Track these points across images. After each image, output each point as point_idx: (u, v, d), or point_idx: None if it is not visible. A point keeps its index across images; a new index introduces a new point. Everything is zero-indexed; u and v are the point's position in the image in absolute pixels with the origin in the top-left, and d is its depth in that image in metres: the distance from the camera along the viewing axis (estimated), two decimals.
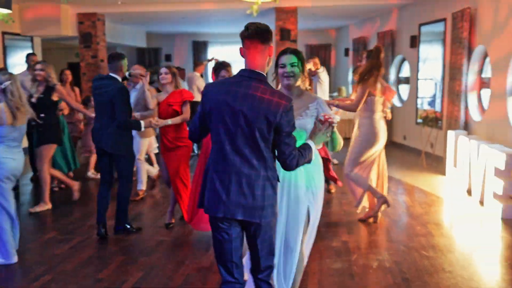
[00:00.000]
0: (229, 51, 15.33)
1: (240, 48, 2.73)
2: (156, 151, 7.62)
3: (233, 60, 5.84)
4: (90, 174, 8.05)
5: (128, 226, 5.34)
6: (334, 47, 16.43)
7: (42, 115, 5.83)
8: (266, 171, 2.66)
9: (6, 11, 7.55)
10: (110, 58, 5.17)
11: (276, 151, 2.72)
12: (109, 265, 4.49)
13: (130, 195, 5.37)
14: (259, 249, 2.76)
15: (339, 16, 12.65)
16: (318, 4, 10.53)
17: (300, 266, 3.37)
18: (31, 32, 10.84)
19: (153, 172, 7.29)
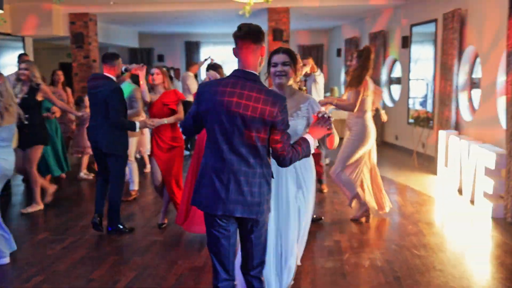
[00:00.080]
0: (221, 51, 15.34)
1: (233, 49, 2.77)
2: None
3: (225, 60, 5.86)
4: (82, 175, 8.02)
5: (121, 227, 5.34)
6: (326, 47, 16.50)
7: (27, 116, 5.78)
8: (262, 168, 2.72)
9: None
10: (104, 58, 5.20)
11: (270, 148, 2.76)
12: (101, 265, 4.49)
13: (122, 195, 5.38)
14: (254, 244, 2.81)
15: (331, 16, 12.70)
16: (311, 5, 10.57)
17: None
18: (22, 32, 10.77)
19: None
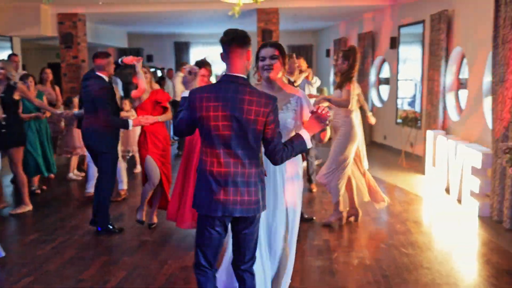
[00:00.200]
0: (211, 51, 15.35)
1: (220, 54, 2.83)
2: None
3: (215, 61, 5.88)
4: (71, 175, 7.98)
5: (110, 227, 5.34)
6: (315, 48, 16.57)
7: (4, 116, 5.74)
8: (257, 167, 2.78)
9: None
10: (94, 56, 5.24)
11: (263, 146, 2.83)
12: (91, 265, 4.50)
13: (111, 194, 5.41)
14: (247, 240, 2.87)
15: (321, 17, 12.78)
16: (300, 6, 10.62)
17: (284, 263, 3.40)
18: (10, 32, 10.71)
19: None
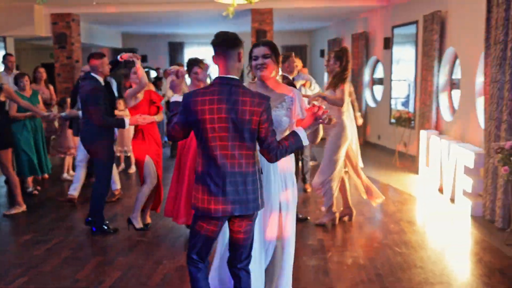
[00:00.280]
0: (205, 52, 15.34)
1: (212, 56, 2.84)
2: None
3: (209, 61, 5.88)
4: (65, 175, 7.97)
5: (105, 227, 5.35)
6: (309, 48, 16.61)
7: None
8: (253, 166, 2.82)
9: None
10: (89, 58, 5.28)
11: (258, 145, 2.86)
12: (86, 265, 4.50)
13: (106, 195, 5.42)
14: (244, 239, 2.90)
15: (314, 17, 12.81)
16: (294, 6, 10.65)
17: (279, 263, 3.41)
18: (3, 32, 10.67)
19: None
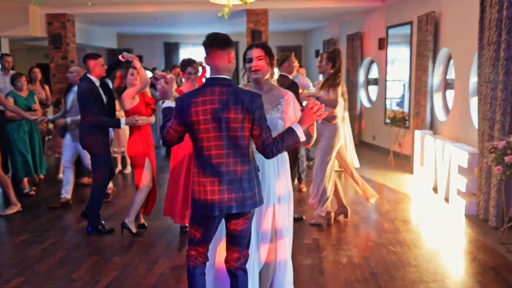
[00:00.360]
0: (201, 52, 15.36)
1: (204, 58, 2.86)
2: None
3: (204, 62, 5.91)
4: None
5: (101, 227, 5.36)
6: (304, 48, 16.65)
7: None
8: (249, 164, 2.83)
9: None
10: (84, 58, 5.32)
11: (253, 142, 2.88)
12: (82, 265, 4.51)
13: (103, 195, 5.42)
14: (241, 236, 2.92)
15: (309, 18, 12.85)
16: (289, 7, 10.69)
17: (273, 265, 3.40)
18: None
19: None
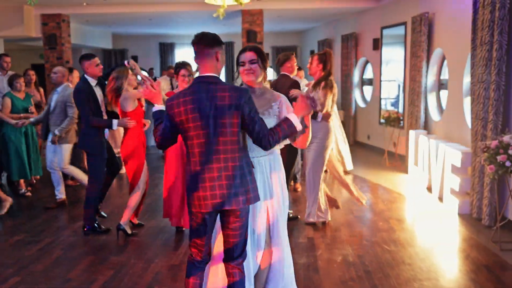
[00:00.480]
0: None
1: (194, 58, 2.89)
2: None
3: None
4: None
5: (97, 227, 5.38)
6: (299, 49, 16.71)
7: None
8: (241, 160, 2.85)
9: None
10: (80, 59, 5.38)
11: (249, 137, 2.90)
12: (78, 265, 4.53)
13: (98, 194, 5.43)
14: (236, 235, 2.92)
15: (304, 18, 12.89)
16: (284, 7, 10.72)
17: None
18: None
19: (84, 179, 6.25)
